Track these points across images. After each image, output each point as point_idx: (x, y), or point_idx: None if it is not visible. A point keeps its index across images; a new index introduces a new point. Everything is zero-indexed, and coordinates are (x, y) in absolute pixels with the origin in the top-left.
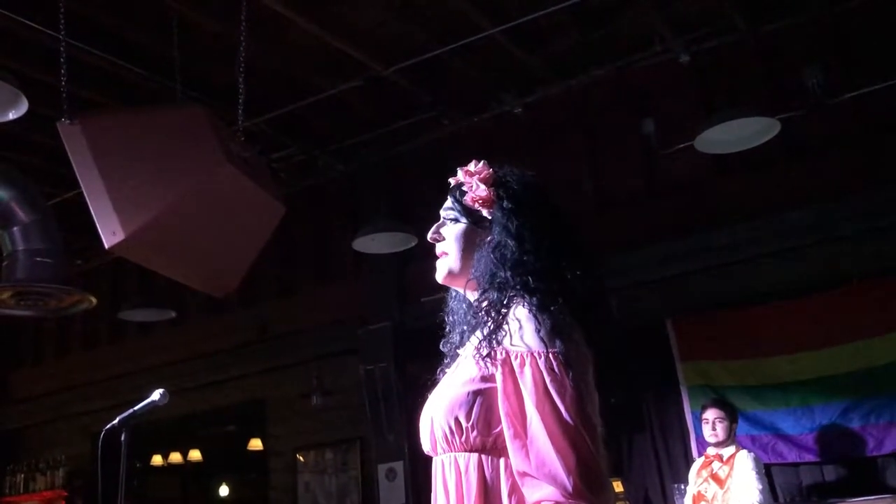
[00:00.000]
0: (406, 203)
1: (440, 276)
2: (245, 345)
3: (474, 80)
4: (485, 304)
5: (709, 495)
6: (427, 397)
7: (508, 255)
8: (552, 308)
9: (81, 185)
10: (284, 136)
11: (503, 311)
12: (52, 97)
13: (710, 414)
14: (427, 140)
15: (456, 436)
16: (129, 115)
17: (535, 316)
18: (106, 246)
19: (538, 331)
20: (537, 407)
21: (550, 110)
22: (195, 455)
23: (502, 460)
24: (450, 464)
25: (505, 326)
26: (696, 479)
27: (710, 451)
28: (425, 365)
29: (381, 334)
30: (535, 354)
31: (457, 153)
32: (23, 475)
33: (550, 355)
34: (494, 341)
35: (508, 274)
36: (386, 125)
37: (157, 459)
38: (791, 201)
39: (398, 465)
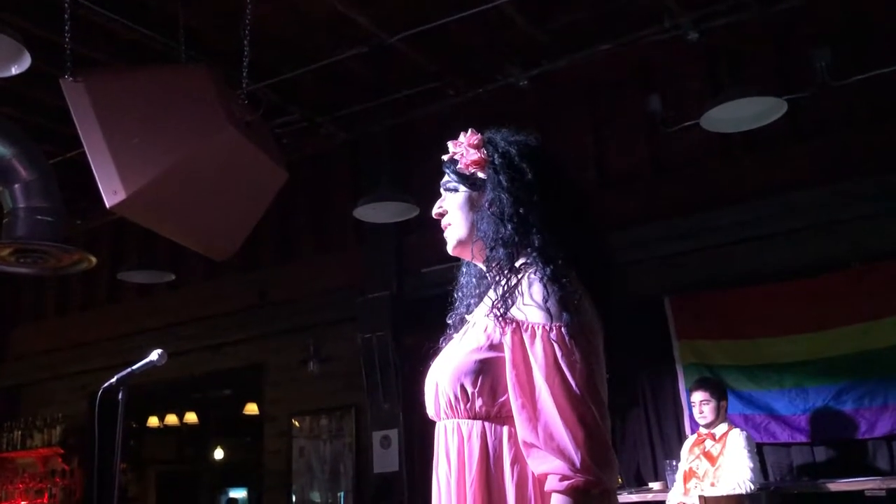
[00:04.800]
0: (408, 172)
1: (450, 247)
2: (244, 310)
3: (481, 51)
4: (494, 263)
5: (700, 472)
6: (427, 365)
7: (505, 209)
8: (564, 280)
9: (83, 143)
10: (287, 101)
11: (515, 273)
12: (55, 54)
13: (696, 396)
14: (431, 110)
15: (461, 402)
16: (133, 74)
17: (545, 286)
18: (107, 205)
19: (546, 301)
20: (546, 379)
21: (556, 84)
22: (191, 417)
23: (506, 429)
24: (453, 430)
25: (517, 292)
26: (688, 456)
27: (703, 429)
28: (423, 335)
29: (380, 303)
30: (546, 327)
31: (461, 124)
32: (20, 432)
33: (562, 328)
34: (505, 305)
35: (510, 228)
36: (390, 94)
37: (153, 421)
38: (795, 183)
39: (393, 433)
